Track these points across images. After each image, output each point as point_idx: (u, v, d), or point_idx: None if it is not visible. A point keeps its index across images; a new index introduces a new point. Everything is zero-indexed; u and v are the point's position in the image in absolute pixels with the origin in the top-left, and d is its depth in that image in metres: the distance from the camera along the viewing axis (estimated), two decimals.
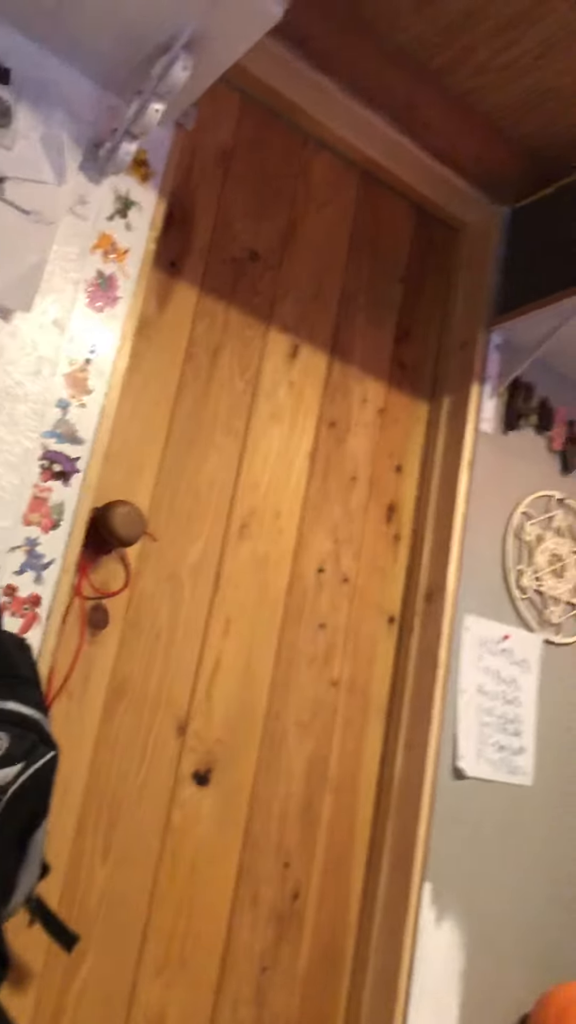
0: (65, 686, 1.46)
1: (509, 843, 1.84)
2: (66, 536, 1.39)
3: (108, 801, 1.50)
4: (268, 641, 1.72)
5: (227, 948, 1.59)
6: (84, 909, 1.45)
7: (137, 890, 1.51)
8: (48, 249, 1.42)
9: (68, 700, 1.47)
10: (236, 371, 1.76)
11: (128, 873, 1.50)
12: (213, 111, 1.79)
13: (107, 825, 1.49)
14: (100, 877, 1.47)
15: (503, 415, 2.00)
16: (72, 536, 1.39)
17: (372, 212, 2.03)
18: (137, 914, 1.50)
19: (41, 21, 1.41)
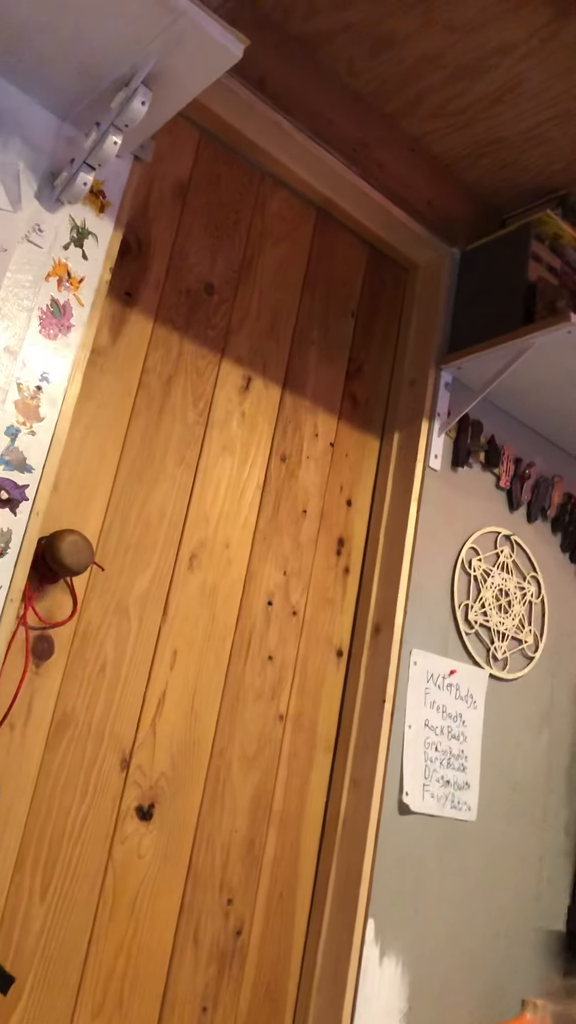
0: (7, 717, 1.43)
1: (451, 879, 1.84)
2: (12, 564, 1.36)
3: (48, 836, 1.46)
4: (215, 674, 1.71)
5: (167, 987, 1.56)
6: (20, 949, 1.41)
7: (76, 929, 1.47)
8: (1, 276, 1.41)
9: (10, 732, 1.44)
10: (189, 402, 1.76)
11: (67, 911, 1.46)
12: (171, 144, 1.80)
13: (47, 861, 1.45)
14: (38, 916, 1.43)
15: (452, 452, 2.03)
16: (18, 565, 1.37)
17: (327, 249, 2.06)
18: (75, 953, 1.46)
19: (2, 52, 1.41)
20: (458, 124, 1.99)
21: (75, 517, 1.56)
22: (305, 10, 1.77)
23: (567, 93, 1.84)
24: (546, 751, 2.08)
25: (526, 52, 1.76)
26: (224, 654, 1.73)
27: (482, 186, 2.17)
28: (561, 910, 2.03)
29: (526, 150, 2.02)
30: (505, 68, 1.81)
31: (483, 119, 1.97)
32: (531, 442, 2.21)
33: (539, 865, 2.01)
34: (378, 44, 1.82)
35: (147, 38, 1.28)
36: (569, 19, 1.67)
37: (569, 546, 2.24)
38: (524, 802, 2.01)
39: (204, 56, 1.29)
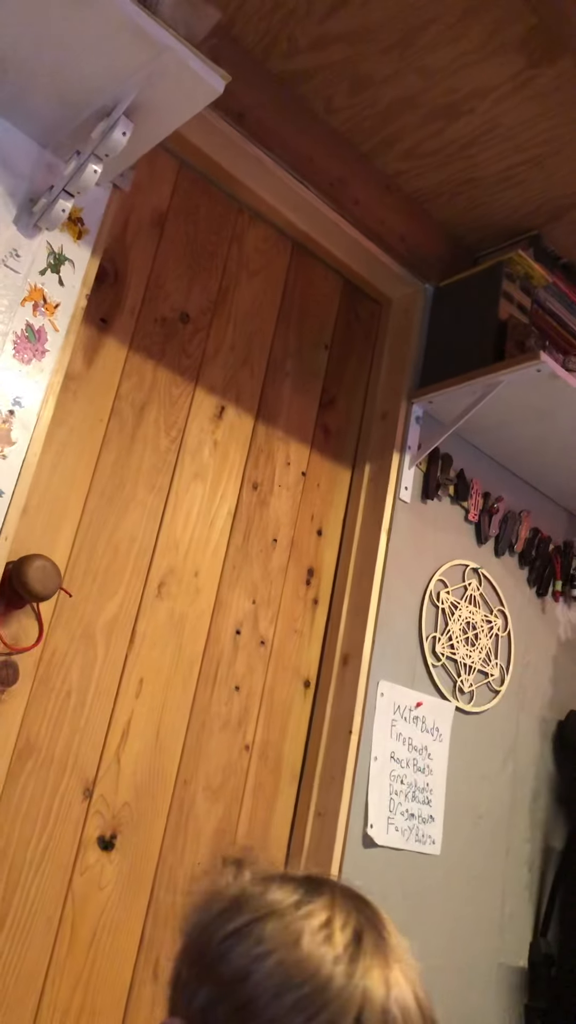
0: None
1: (414, 913, 1.83)
2: None
3: (7, 866, 1.43)
4: (181, 703, 1.70)
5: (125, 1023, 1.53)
6: None
7: (33, 962, 1.44)
8: None
9: None
10: (161, 429, 1.76)
11: (24, 943, 1.43)
12: (150, 175, 1.82)
13: (4, 891, 1.43)
14: None
15: (422, 485, 2.05)
16: None
17: (302, 282, 2.08)
18: (31, 988, 1.43)
19: None
20: (433, 164, 2.04)
21: (43, 542, 1.55)
22: (285, 49, 1.81)
23: (538, 138, 1.89)
24: (510, 785, 2.09)
25: (500, 97, 1.81)
26: (191, 683, 1.72)
27: (455, 224, 2.21)
28: (523, 945, 2.02)
29: (499, 191, 2.07)
30: (480, 112, 1.86)
31: (457, 160, 2.01)
32: (500, 477, 2.24)
33: (501, 899, 2.01)
34: (356, 84, 1.86)
35: (130, 71, 1.30)
36: (541, 68, 1.71)
37: (536, 580, 2.26)
38: (488, 836, 2.01)
39: (186, 90, 1.31)
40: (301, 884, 0.68)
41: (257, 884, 0.68)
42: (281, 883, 0.68)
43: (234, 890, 0.68)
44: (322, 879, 0.70)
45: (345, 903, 0.67)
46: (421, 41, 1.72)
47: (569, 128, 1.85)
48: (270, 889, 0.67)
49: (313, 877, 0.70)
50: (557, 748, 2.22)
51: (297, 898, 0.66)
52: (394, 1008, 0.61)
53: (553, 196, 2.04)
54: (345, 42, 1.76)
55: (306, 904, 0.65)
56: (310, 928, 0.63)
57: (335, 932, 0.63)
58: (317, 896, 0.66)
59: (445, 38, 1.70)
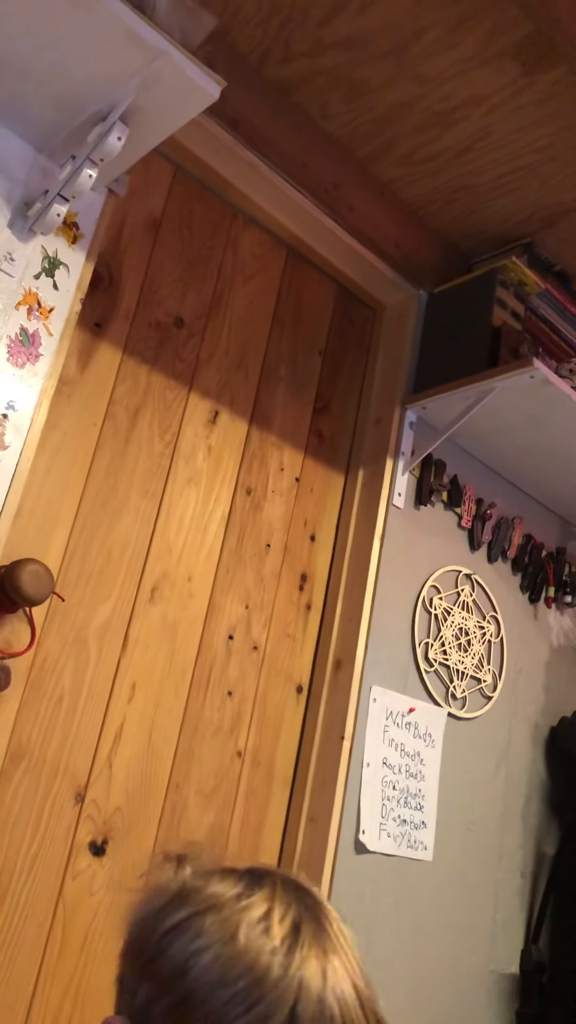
0: None
1: (406, 920, 1.82)
2: None
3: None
4: (174, 708, 1.70)
5: None
6: None
7: (22, 969, 1.43)
8: None
9: None
10: (155, 433, 1.76)
11: (13, 950, 1.43)
12: (145, 179, 1.82)
13: None
14: None
15: (415, 490, 2.05)
16: None
17: (296, 287, 2.09)
18: (21, 996, 1.43)
19: None
20: (427, 171, 2.04)
21: (36, 546, 1.55)
22: (281, 55, 1.81)
23: (532, 145, 1.90)
24: (502, 791, 2.09)
25: (495, 105, 1.81)
26: (183, 688, 1.72)
27: (450, 231, 2.21)
28: (514, 952, 2.02)
29: (493, 198, 2.07)
30: (474, 119, 1.86)
31: (452, 167, 2.01)
32: (493, 483, 2.24)
33: (493, 906, 2.01)
34: (351, 90, 1.87)
35: (126, 76, 1.30)
36: (536, 76, 1.72)
37: (528, 586, 2.27)
38: (480, 842, 2.01)
39: (181, 95, 1.32)
40: (243, 877, 0.68)
41: (198, 878, 0.68)
42: (222, 877, 0.68)
43: (175, 885, 0.68)
44: (264, 871, 0.70)
45: (286, 894, 0.67)
46: (416, 48, 1.73)
47: (563, 136, 1.85)
48: (211, 883, 0.67)
49: (255, 869, 0.70)
50: (549, 754, 2.22)
51: (237, 891, 0.66)
52: (330, 999, 0.61)
53: (547, 203, 2.04)
54: (341, 49, 1.77)
55: (246, 897, 0.65)
56: (248, 921, 0.63)
57: (273, 924, 0.63)
58: (258, 888, 0.66)
59: (440, 45, 1.71)
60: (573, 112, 1.79)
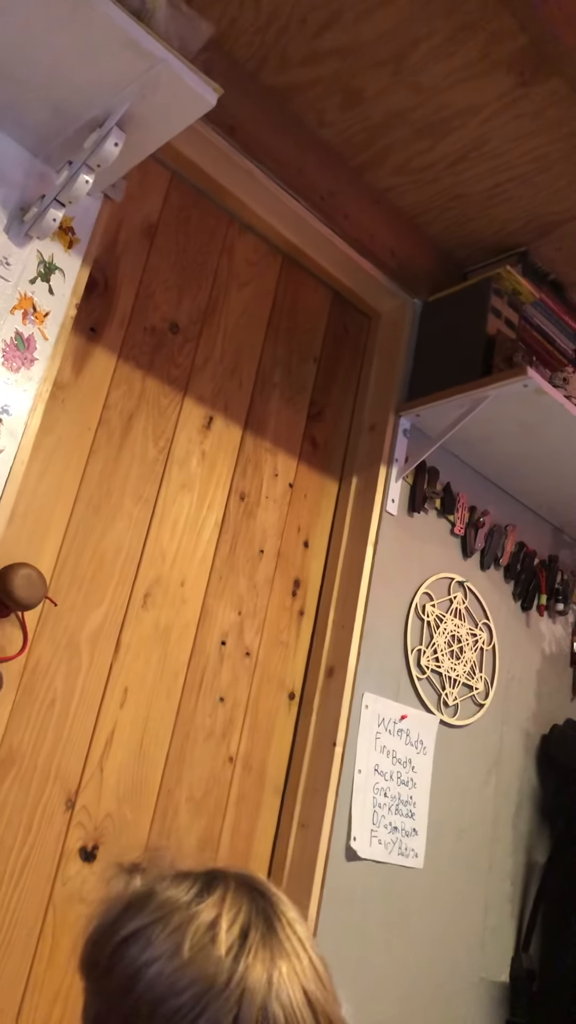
0: None
1: (397, 927, 1.82)
2: None
3: None
4: (166, 714, 1.69)
5: None
6: None
7: (11, 975, 1.43)
8: None
9: None
10: (149, 439, 1.76)
11: (2, 956, 1.42)
12: (142, 185, 1.83)
13: None
14: None
15: (409, 497, 2.05)
16: None
17: (291, 294, 2.09)
18: (10, 1002, 1.42)
19: None
20: (423, 179, 2.05)
21: (30, 550, 1.54)
22: (278, 62, 1.82)
23: (527, 155, 1.91)
24: (493, 799, 2.09)
25: (490, 115, 1.82)
26: (175, 693, 1.71)
27: (445, 239, 2.22)
28: (505, 960, 2.02)
29: (488, 207, 2.08)
30: (470, 129, 1.87)
31: (447, 176, 2.02)
32: (486, 491, 2.25)
33: (484, 914, 2.01)
34: (348, 99, 1.87)
35: (123, 82, 1.30)
36: (531, 87, 1.73)
37: (520, 594, 2.27)
38: (470, 850, 2.01)
39: (179, 102, 1.32)
40: (196, 880, 0.68)
41: (149, 887, 0.68)
42: (176, 882, 0.68)
43: (124, 898, 0.68)
44: (219, 873, 0.69)
45: (237, 897, 0.66)
46: (413, 58, 1.74)
47: (557, 146, 1.87)
48: (162, 890, 0.67)
49: (211, 871, 0.69)
50: (541, 762, 2.22)
51: (188, 898, 0.66)
52: (274, 1005, 0.61)
53: (541, 213, 2.06)
54: (338, 57, 1.78)
55: (196, 903, 0.65)
56: (195, 930, 0.63)
57: (220, 932, 0.63)
58: (209, 893, 0.66)
59: (437, 55, 1.72)
60: (568, 123, 1.80)
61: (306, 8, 1.68)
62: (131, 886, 0.69)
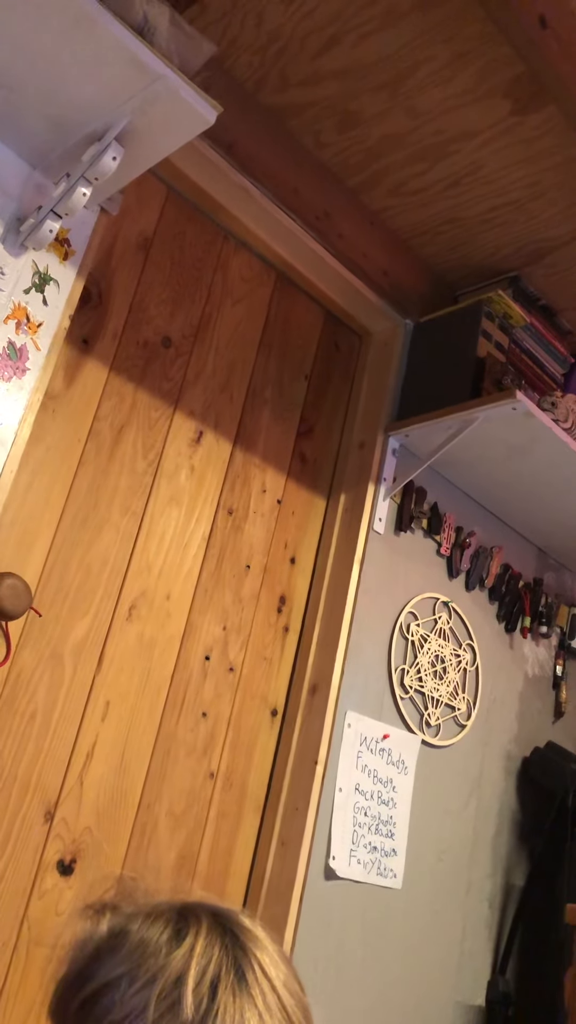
0: None
1: (374, 947, 1.81)
2: None
3: None
4: (147, 728, 1.69)
5: None
6: None
7: None
8: None
9: None
10: (139, 451, 1.76)
11: None
12: (138, 199, 1.83)
13: None
14: None
15: (396, 517, 2.06)
16: None
17: (284, 311, 2.10)
18: None
19: None
20: (417, 202, 2.07)
21: (15, 560, 1.54)
22: (277, 83, 1.83)
23: (521, 182, 1.93)
24: (473, 821, 2.09)
25: (485, 141, 1.84)
26: (158, 708, 1.71)
27: (437, 262, 2.24)
28: (481, 983, 2.01)
29: (480, 232, 2.11)
30: (465, 154, 1.89)
31: (441, 199, 2.04)
32: (473, 512, 2.26)
33: (461, 937, 2.00)
34: (345, 120, 1.89)
35: (123, 97, 1.31)
36: (527, 115, 1.76)
37: (505, 616, 2.28)
38: (449, 872, 2.01)
39: (178, 119, 1.33)
40: (168, 921, 0.65)
41: (121, 928, 0.65)
42: (146, 922, 0.65)
43: (94, 943, 0.66)
44: (193, 909, 0.67)
45: (209, 944, 0.64)
46: (411, 82, 1.76)
47: (550, 174, 1.89)
48: (133, 932, 0.65)
49: (185, 907, 0.67)
50: (521, 785, 2.22)
51: (157, 943, 0.63)
52: None
53: (533, 239, 2.08)
54: (336, 79, 1.80)
55: (166, 952, 0.62)
56: (162, 988, 0.60)
57: (187, 992, 0.60)
58: (180, 938, 0.63)
59: (435, 80, 1.74)
60: (561, 151, 1.83)
61: (306, 30, 1.70)
62: (100, 927, 0.67)
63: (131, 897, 0.70)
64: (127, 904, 0.69)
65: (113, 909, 0.68)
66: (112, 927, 0.66)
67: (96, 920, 0.68)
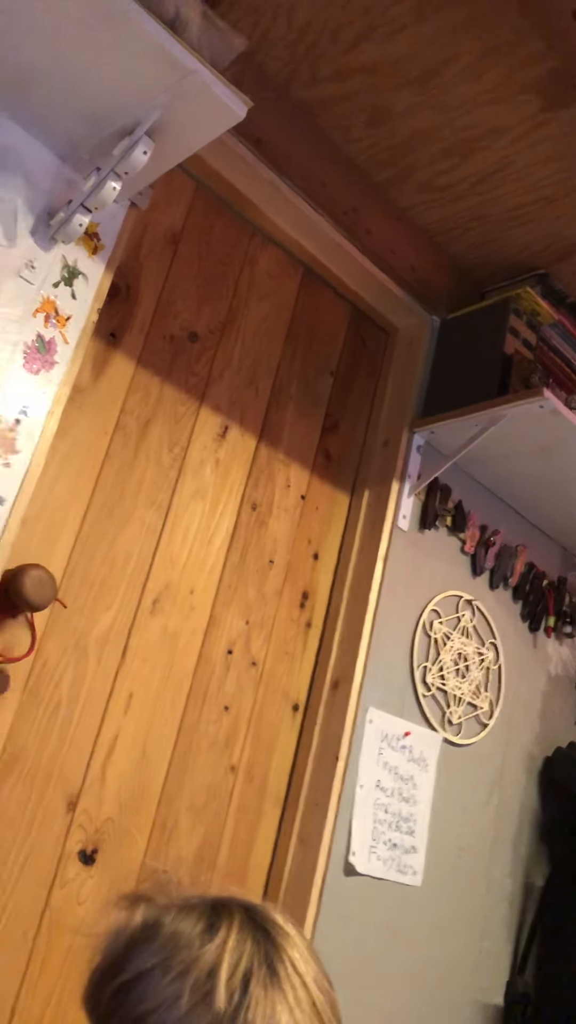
0: None
1: (392, 945, 1.81)
2: None
3: None
4: (169, 720, 1.69)
5: None
6: None
7: (6, 974, 1.42)
8: None
9: None
10: (164, 445, 1.77)
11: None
12: (167, 194, 1.84)
13: None
14: None
15: (420, 514, 2.05)
16: None
17: (311, 307, 2.10)
18: (5, 1000, 1.42)
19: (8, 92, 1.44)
20: (446, 198, 2.06)
21: (41, 552, 1.55)
22: (308, 78, 1.83)
23: (551, 178, 1.91)
24: (493, 819, 2.08)
25: (515, 137, 1.83)
26: (180, 701, 1.71)
27: (465, 258, 2.23)
28: (499, 983, 2.00)
29: (509, 228, 2.09)
30: (495, 150, 1.88)
31: (470, 196, 2.03)
32: (498, 510, 2.25)
33: (480, 935, 1.99)
34: (375, 115, 1.89)
35: (154, 92, 1.32)
36: (558, 111, 1.74)
37: (529, 615, 2.27)
38: (468, 870, 2.00)
39: (208, 113, 1.33)
40: (202, 914, 0.66)
41: (155, 919, 0.66)
42: (180, 915, 0.66)
43: (128, 933, 0.67)
44: (225, 904, 0.68)
45: (241, 939, 0.64)
46: (442, 77, 1.75)
47: None
48: (167, 924, 0.65)
49: (217, 901, 0.68)
50: (542, 784, 2.21)
51: (191, 936, 0.64)
52: None
53: (562, 236, 2.06)
54: (366, 74, 1.79)
55: (199, 944, 0.63)
56: (196, 979, 0.61)
57: (220, 983, 0.61)
58: (213, 931, 0.64)
59: (465, 75, 1.73)
60: None
61: (337, 24, 1.70)
62: (134, 918, 0.67)
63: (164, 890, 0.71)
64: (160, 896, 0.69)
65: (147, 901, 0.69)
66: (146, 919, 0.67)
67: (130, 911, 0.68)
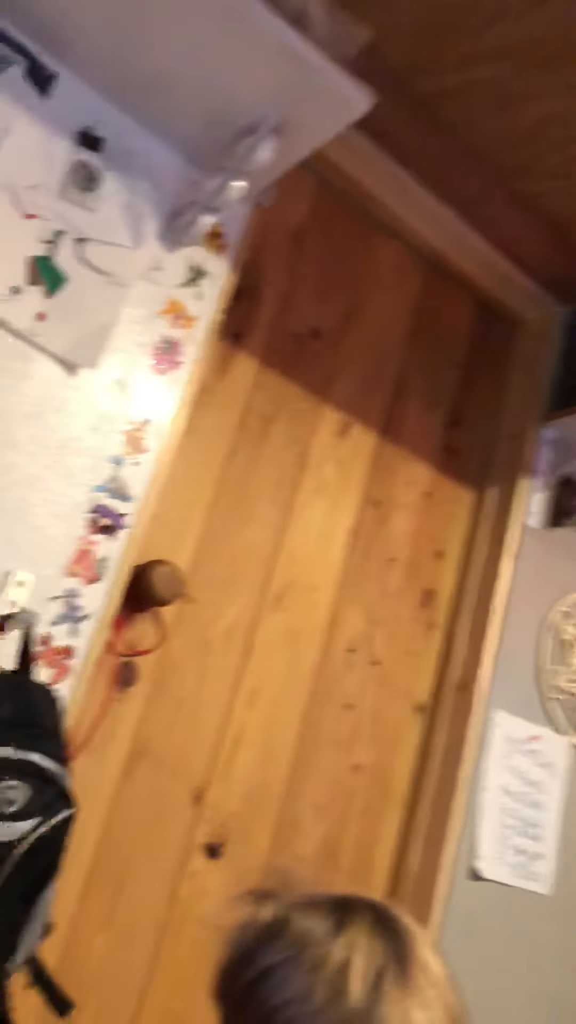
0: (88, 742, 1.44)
1: (519, 953, 1.76)
2: (106, 590, 1.39)
3: (117, 865, 1.46)
4: (292, 717, 1.70)
5: None
6: (80, 976, 1.41)
7: (136, 962, 1.46)
8: (119, 310, 1.46)
9: (88, 756, 1.45)
10: (286, 443, 1.77)
11: (129, 943, 1.46)
12: (289, 191, 1.84)
13: (113, 889, 1.46)
14: (100, 944, 1.43)
15: (550, 511, 1.99)
16: (112, 591, 1.40)
17: (434, 301, 2.06)
18: (133, 987, 1.46)
19: (135, 95, 1.47)
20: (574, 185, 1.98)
21: (168, 548, 1.58)
22: (433, 68, 1.79)
23: None
24: None
25: None
26: (302, 698, 1.72)
27: None
28: None
29: None
30: None
31: None
32: None
33: None
34: (501, 102, 1.83)
35: (278, 89, 1.32)
36: None
37: None
38: None
39: (331, 109, 1.33)
40: (330, 912, 0.66)
41: (283, 916, 0.66)
42: (307, 912, 0.66)
43: (258, 927, 0.67)
44: (352, 903, 0.67)
45: (371, 936, 0.64)
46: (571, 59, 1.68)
47: None
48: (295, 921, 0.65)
49: (344, 900, 0.68)
50: None
51: (321, 933, 0.64)
52: None
53: None
54: (493, 59, 1.74)
55: (329, 940, 0.63)
56: (328, 973, 0.61)
57: (354, 978, 0.61)
58: (342, 928, 0.64)
59: None
60: None
61: (460, 11, 1.65)
62: (262, 913, 0.68)
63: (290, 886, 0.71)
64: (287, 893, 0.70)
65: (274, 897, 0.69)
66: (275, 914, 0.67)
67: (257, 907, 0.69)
